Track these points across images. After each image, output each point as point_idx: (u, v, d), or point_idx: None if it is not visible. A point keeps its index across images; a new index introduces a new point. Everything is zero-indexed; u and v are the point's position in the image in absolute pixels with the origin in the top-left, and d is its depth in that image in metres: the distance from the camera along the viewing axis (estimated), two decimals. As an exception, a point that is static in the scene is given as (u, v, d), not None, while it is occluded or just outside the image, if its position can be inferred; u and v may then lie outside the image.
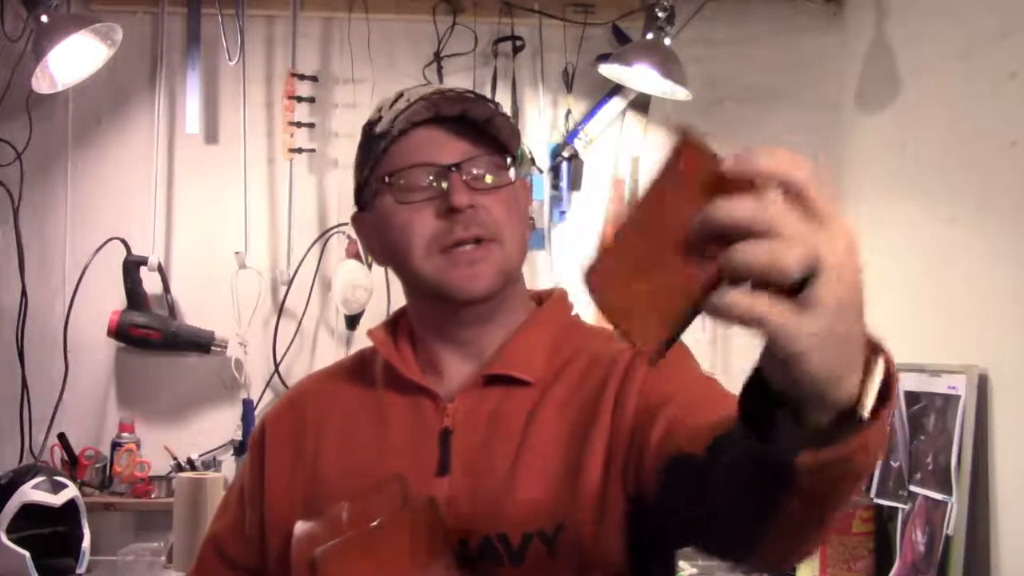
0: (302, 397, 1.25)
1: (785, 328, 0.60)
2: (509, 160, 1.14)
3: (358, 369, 1.24)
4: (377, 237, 1.18)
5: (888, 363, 0.68)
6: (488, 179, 1.12)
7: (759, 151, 0.61)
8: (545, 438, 1.10)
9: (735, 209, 0.60)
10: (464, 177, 1.10)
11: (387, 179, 1.13)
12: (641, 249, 0.66)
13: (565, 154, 2.76)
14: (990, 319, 2.11)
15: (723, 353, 2.77)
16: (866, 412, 0.66)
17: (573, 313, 1.25)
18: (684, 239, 0.63)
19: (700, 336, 2.70)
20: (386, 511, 1.03)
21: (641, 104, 2.83)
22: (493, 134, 1.12)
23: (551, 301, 1.23)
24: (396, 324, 1.23)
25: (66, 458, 2.61)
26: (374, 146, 1.14)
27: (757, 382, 0.69)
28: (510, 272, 1.14)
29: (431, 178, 1.11)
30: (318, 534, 1.05)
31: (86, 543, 2.38)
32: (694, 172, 0.64)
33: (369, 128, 1.17)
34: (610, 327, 0.68)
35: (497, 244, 1.12)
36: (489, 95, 2.71)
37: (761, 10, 2.87)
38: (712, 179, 0.63)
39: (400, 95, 1.16)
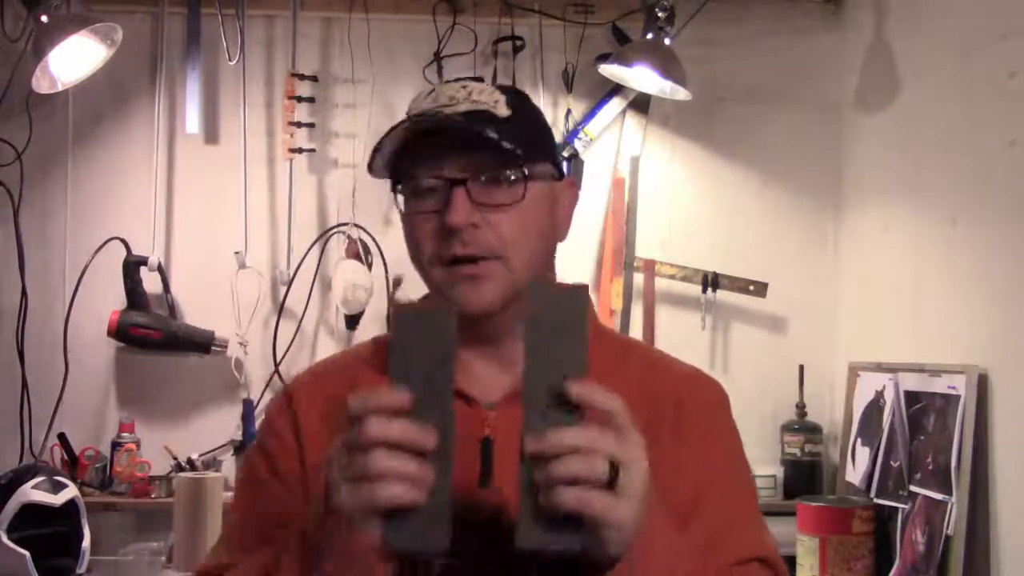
0: (323, 381, 1.18)
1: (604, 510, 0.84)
2: (525, 172, 1.08)
3: (378, 360, 1.16)
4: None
5: None
6: (495, 196, 1.07)
7: (595, 387, 0.86)
8: None
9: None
10: (470, 193, 1.06)
11: (397, 183, 1.10)
12: None
13: (565, 154, 2.76)
14: (990, 319, 2.11)
15: (723, 352, 2.77)
16: None
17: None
18: None
19: (701, 334, 2.70)
20: None
21: (641, 104, 2.83)
22: (509, 147, 1.06)
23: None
24: None
25: (66, 458, 2.61)
26: (392, 138, 1.10)
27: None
28: (519, 289, 1.08)
29: (436, 190, 1.07)
30: None
31: (86, 543, 2.38)
32: None
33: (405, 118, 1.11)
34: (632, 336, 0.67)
35: (499, 263, 1.08)
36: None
37: (761, 10, 2.87)
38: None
39: (432, 90, 1.12)
